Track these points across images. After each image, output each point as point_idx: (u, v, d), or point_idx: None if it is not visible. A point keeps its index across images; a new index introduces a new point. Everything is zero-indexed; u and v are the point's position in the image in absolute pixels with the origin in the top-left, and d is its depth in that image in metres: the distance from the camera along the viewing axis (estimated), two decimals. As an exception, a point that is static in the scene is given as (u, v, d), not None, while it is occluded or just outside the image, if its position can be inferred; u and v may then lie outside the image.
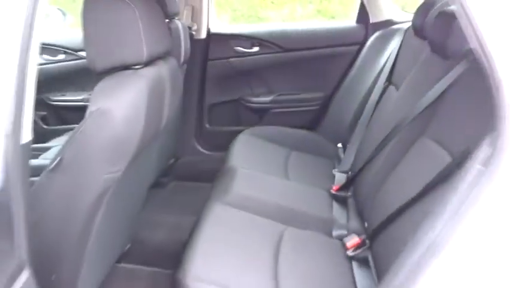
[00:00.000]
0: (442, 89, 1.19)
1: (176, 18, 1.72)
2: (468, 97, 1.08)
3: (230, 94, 2.36)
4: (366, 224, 1.38)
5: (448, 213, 0.72)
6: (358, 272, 1.23)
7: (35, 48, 0.72)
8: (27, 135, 0.74)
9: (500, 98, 0.67)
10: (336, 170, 1.79)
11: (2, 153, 0.68)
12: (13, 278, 0.66)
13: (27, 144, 0.75)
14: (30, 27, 0.69)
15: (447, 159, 1.03)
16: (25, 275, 0.69)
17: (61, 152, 0.92)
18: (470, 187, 0.71)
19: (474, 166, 0.72)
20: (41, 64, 2.32)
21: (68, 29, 2.52)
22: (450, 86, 1.17)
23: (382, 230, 1.21)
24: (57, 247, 0.90)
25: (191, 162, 2.31)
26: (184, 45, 1.70)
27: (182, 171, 2.25)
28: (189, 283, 1.06)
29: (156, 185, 1.84)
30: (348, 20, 2.37)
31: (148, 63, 1.08)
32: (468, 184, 0.71)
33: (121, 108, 0.95)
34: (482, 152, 0.71)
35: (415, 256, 0.75)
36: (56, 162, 0.91)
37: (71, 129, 0.99)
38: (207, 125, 2.38)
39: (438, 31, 1.31)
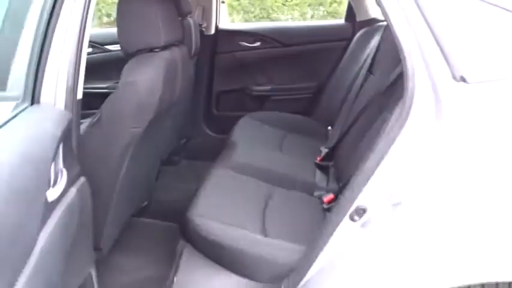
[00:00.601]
0: (399, 72, 1.48)
1: (189, 16, 1.96)
2: None
3: (235, 83, 2.64)
4: (341, 184, 1.67)
5: (378, 146, 1.02)
6: (330, 220, 1.52)
7: (87, 32, 1.05)
8: (80, 94, 1.07)
9: (405, 72, 0.97)
10: (323, 147, 2.09)
11: (65, 103, 1.00)
12: (75, 178, 0.98)
13: (79, 100, 1.07)
14: (85, 19, 1.03)
15: None
16: (82, 179, 1.01)
17: (100, 111, 1.25)
18: (388, 132, 1.01)
19: (392, 119, 1.02)
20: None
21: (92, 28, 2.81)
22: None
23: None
24: (96, 180, 1.21)
25: (200, 143, 2.58)
26: (195, 40, 1.98)
27: (192, 151, 2.52)
28: (195, 218, 1.36)
29: (169, 162, 2.16)
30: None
31: (164, 48, 1.40)
32: (388, 130, 1.02)
33: (144, 80, 1.27)
34: (397, 110, 1.02)
35: (362, 174, 1.05)
36: (96, 118, 1.23)
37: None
38: (215, 111, 2.67)
39: None
